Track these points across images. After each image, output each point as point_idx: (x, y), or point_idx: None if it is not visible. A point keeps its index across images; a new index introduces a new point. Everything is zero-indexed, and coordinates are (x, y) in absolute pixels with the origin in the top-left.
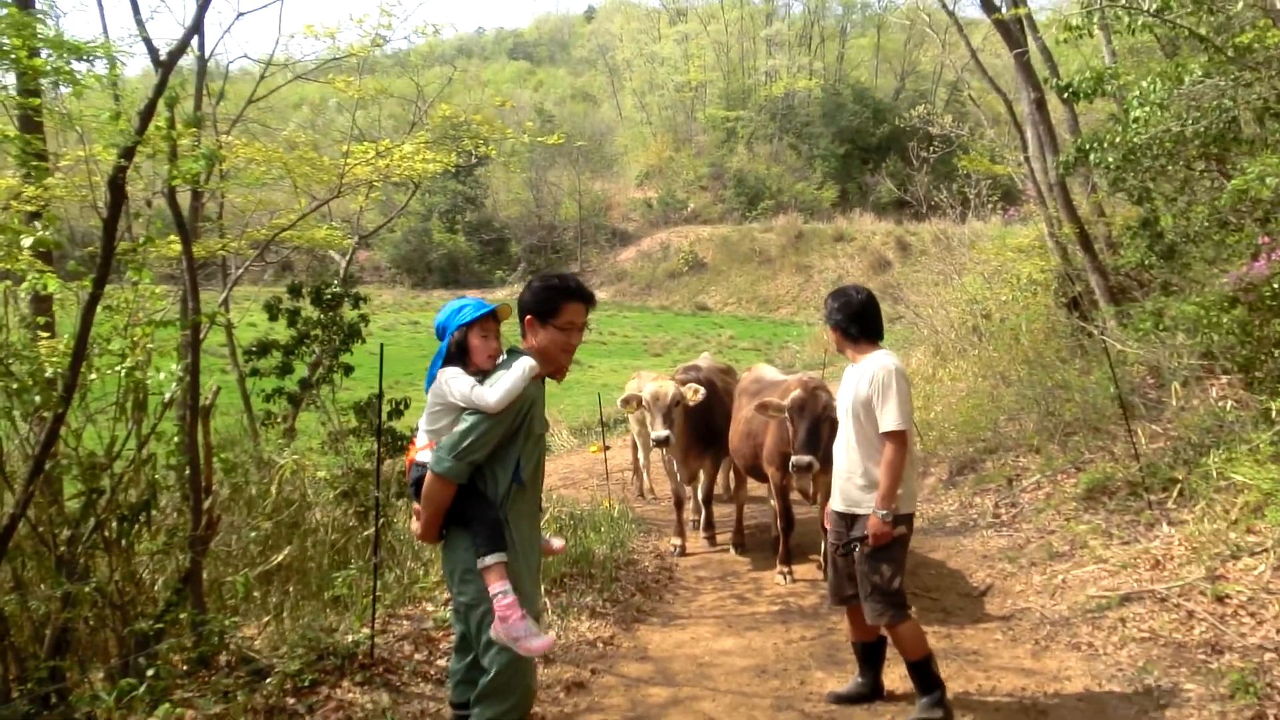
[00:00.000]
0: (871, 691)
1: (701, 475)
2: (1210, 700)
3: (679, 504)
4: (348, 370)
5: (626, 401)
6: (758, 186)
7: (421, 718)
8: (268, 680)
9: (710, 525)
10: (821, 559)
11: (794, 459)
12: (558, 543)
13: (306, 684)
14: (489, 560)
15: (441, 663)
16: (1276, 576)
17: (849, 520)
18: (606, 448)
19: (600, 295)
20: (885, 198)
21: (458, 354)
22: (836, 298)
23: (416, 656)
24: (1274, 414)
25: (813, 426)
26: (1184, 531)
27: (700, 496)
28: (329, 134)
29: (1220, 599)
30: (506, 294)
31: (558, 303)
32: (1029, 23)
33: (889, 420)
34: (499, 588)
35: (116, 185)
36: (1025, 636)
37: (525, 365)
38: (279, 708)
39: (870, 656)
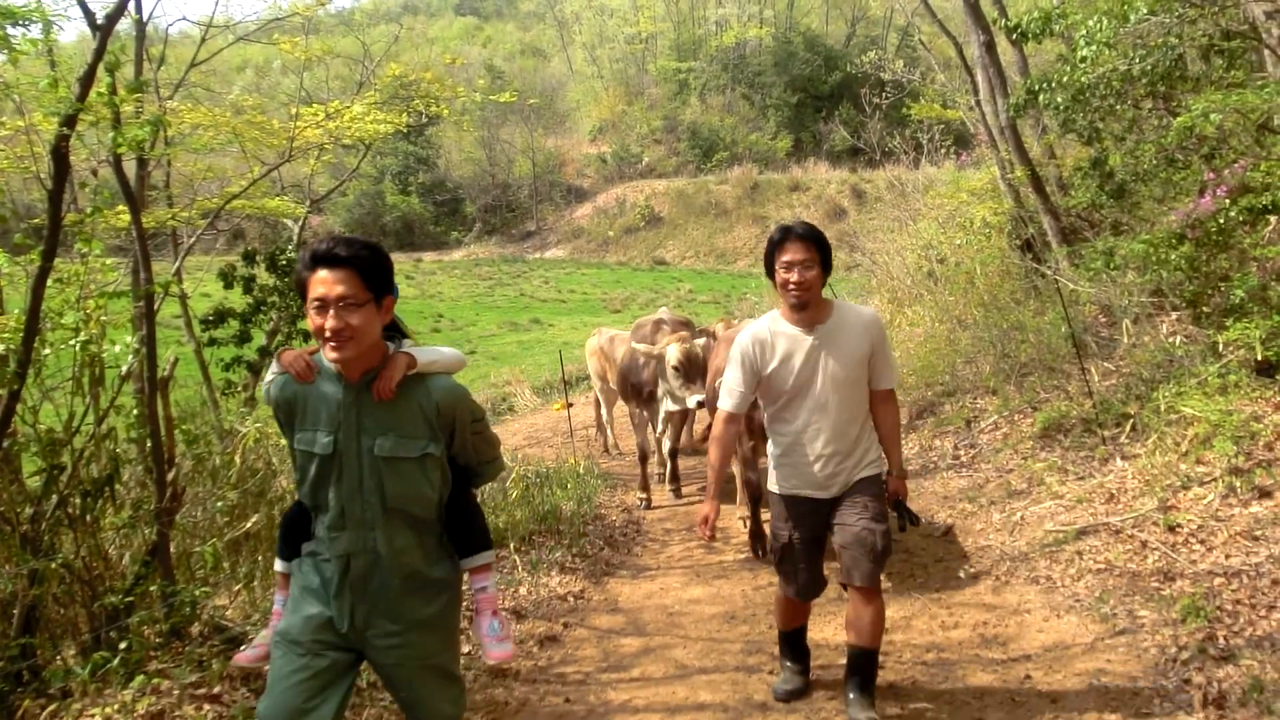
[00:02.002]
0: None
1: (669, 427)
2: (1163, 625)
3: (644, 458)
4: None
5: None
6: (712, 138)
7: None
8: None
9: (676, 478)
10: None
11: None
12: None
13: None
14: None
15: None
16: (1225, 504)
17: (824, 506)
18: (569, 404)
19: (557, 253)
20: (839, 146)
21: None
22: (815, 235)
23: None
24: (1220, 347)
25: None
26: (1137, 465)
27: (666, 450)
28: (275, 97)
29: (1172, 528)
30: (463, 255)
31: (301, 277)
32: None
33: (892, 375)
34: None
35: (60, 155)
36: (986, 573)
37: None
38: (256, 673)
39: (803, 642)
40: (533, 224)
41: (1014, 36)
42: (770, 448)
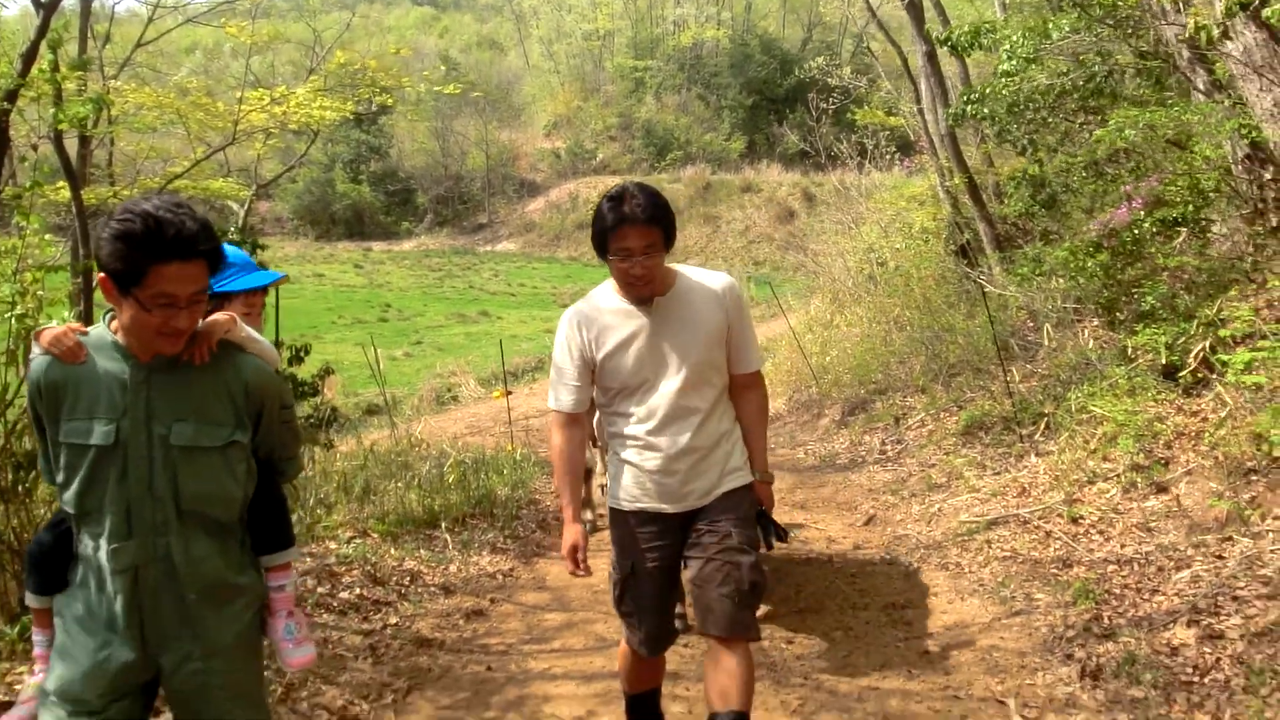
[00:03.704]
0: None
1: None
2: (1056, 607)
3: (587, 474)
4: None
5: None
6: (666, 137)
7: (324, 644)
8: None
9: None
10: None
11: None
12: None
13: None
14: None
15: (344, 595)
16: (1125, 498)
17: (676, 524)
18: (509, 392)
19: (509, 246)
20: (792, 149)
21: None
22: (658, 215)
23: (320, 589)
24: (1130, 351)
25: None
26: (1049, 461)
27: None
28: (223, 80)
29: (1075, 520)
30: (414, 245)
31: (141, 264)
32: None
33: (757, 355)
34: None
35: (0, 129)
36: (901, 560)
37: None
38: None
39: (656, 708)
40: (484, 216)
41: (945, 48)
42: (611, 455)
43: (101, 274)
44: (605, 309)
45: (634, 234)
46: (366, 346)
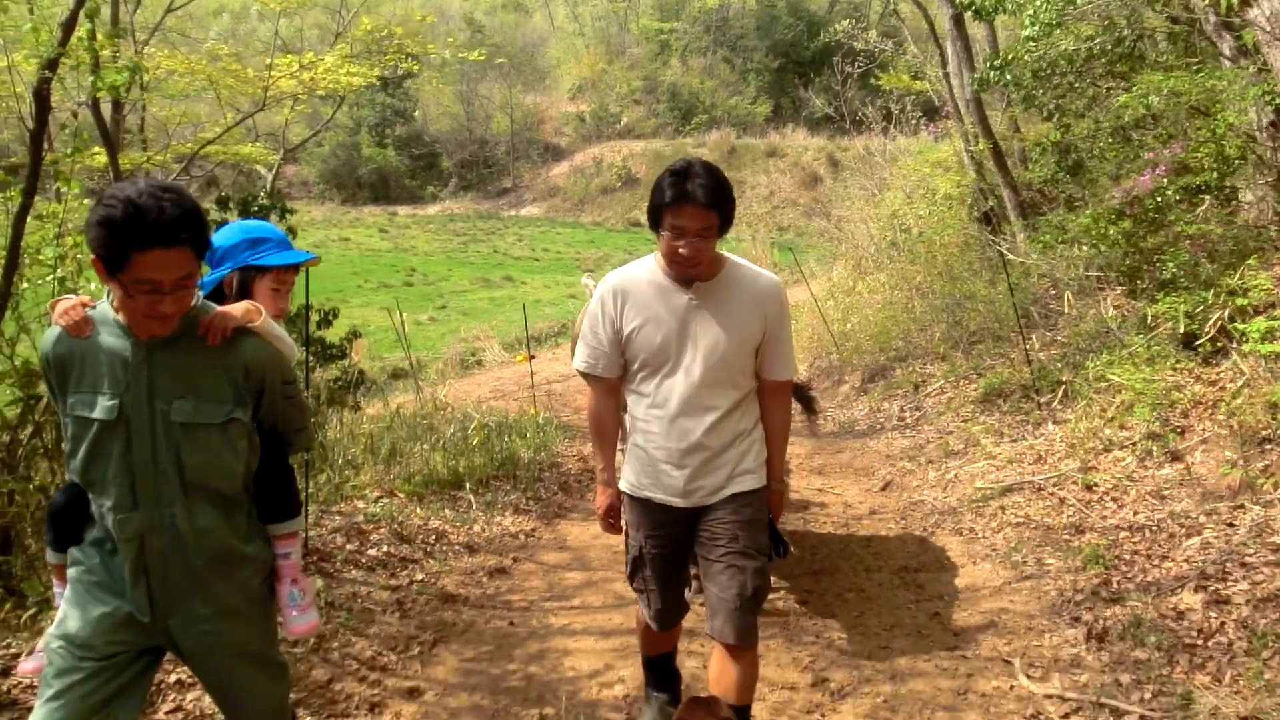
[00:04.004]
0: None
1: None
2: (1066, 571)
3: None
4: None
5: None
6: (691, 101)
7: (354, 598)
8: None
9: None
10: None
11: None
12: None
13: None
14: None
15: (372, 552)
16: (1140, 466)
17: (684, 517)
18: (532, 357)
19: (533, 211)
20: (818, 113)
21: (235, 297)
22: (719, 199)
23: (349, 547)
24: (1149, 319)
25: None
26: (1065, 429)
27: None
28: (251, 44)
29: (1089, 487)
30: (438, 210)
31: (122, 251)
32: None
33: (790, 364)
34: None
35: (42, 97)
36: (915, 525)
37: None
38: None
39: (671, 667)
40: (509, 181)
41: (970, 11)
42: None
43: (93, 257)
44: (644, 281)
45: (691, 214)
46: (392, 311)
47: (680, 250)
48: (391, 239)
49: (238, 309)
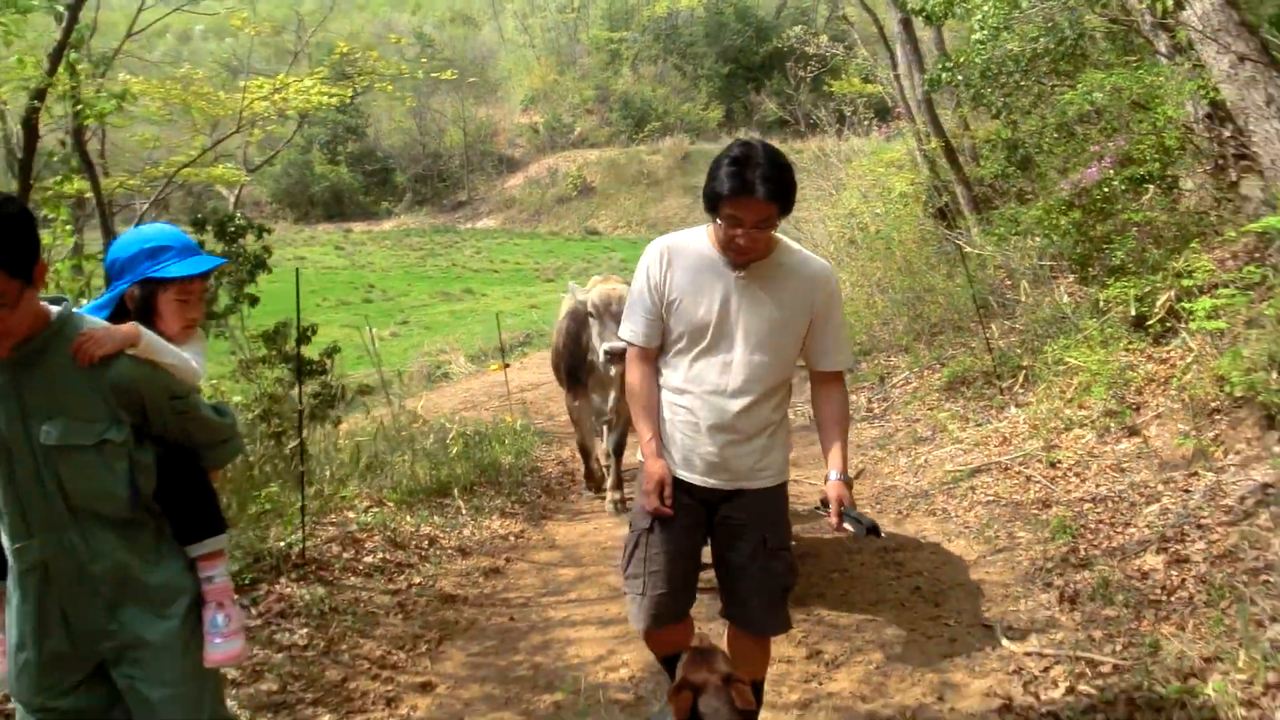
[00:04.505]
0: None
1: (616, 416)
2: (1036, 543)
3: (586, 453)
4: (253, 301)
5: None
6: (644, 108)
7: (356, 603)
8: None
9: (619, 484)
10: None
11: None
12: None
13: (248, 581)
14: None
15: (368, 559)
16: (1099, 442)
17: (703, 499)
18: (507, 365)
19: (489, 223)
20: (770, 117)
21: (137, 313)
22: (781, 193)
23: (345, 555)
24: (1102, 304)
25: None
26: (1028, 411)
27: (611, 444)
28: (200, 63)
29: (1053, 464)
30: (394, 225)
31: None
32: None
33: (845, 354)
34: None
35: (30, 126)
36: (890, 508)
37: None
38: None
39: None
40: (464, 194)
41: (919, 16)
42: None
43: None
44: (694, 250)
45: (750, 207)
46: (359, 328)
47: (738, 240)
48: (348, 256)
49: (116, 332)
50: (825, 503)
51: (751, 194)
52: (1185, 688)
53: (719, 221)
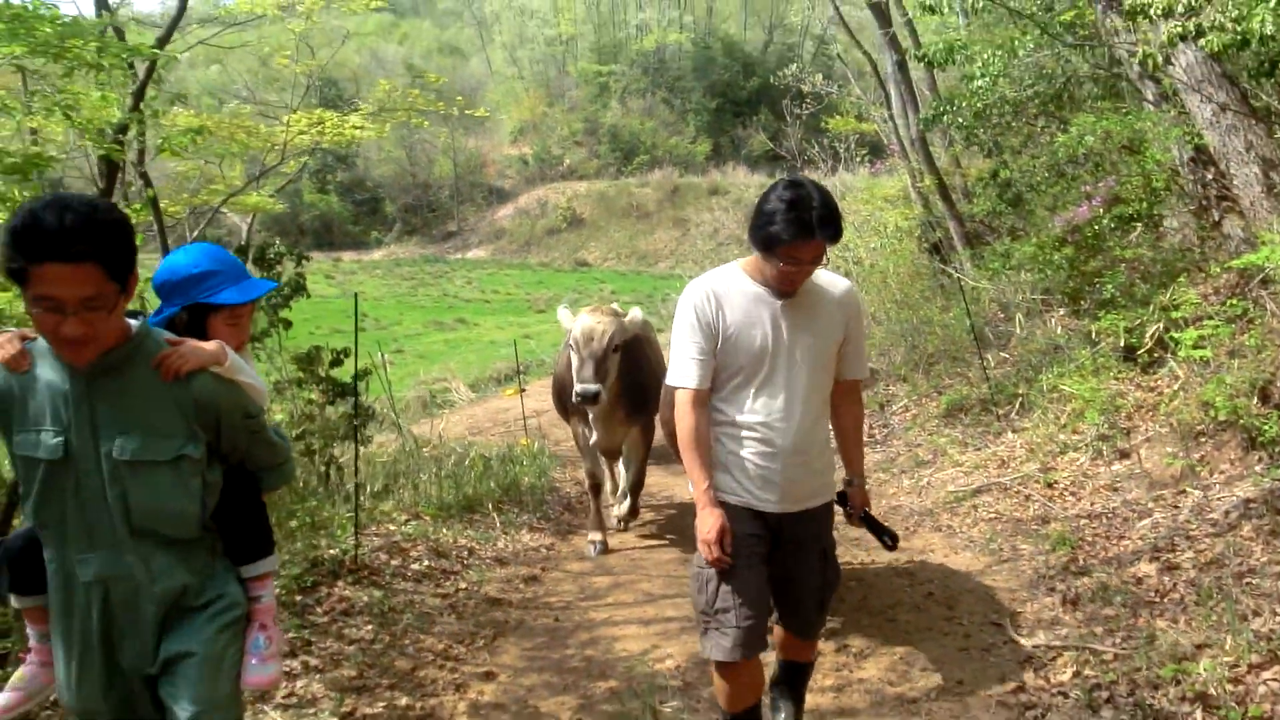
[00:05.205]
0: None
1: (625, 449)
2: (1038, 554)
3: (595, 488)
4: (287, 325)
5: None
6: (632, 141)
7: (410, 605)
8: (275, 584)
9: (633, 513)
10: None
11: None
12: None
13: (309, 584)
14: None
15: (415, 566)
16: (1093, 464)
17: (770, 525)
18: (523, 390)
19: (479, 253)
20: (757, 151)
21: (186, 334)
22: (838, 233)
23: (393, 562)
24: (1093, 335)
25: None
26: (1024, 435)
27: (628, 482)
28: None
29: (1050, 484)
30: (383, 255)
31: (22, 263)
32: None
33: (865, 363)
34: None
35: (111, 160)
36: (897, 526)
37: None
38: (290, 603)
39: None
40: (454, 224)
41: (922, 62)
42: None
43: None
44: (736, 287)
45: (809, 247)
46: (372, 354)
47: (794, 278)
48: (339, 285)
49: (203, 349)
50: (843, 498)
51: (811, 236)
52: (1179, 669)
53: (775, 261)
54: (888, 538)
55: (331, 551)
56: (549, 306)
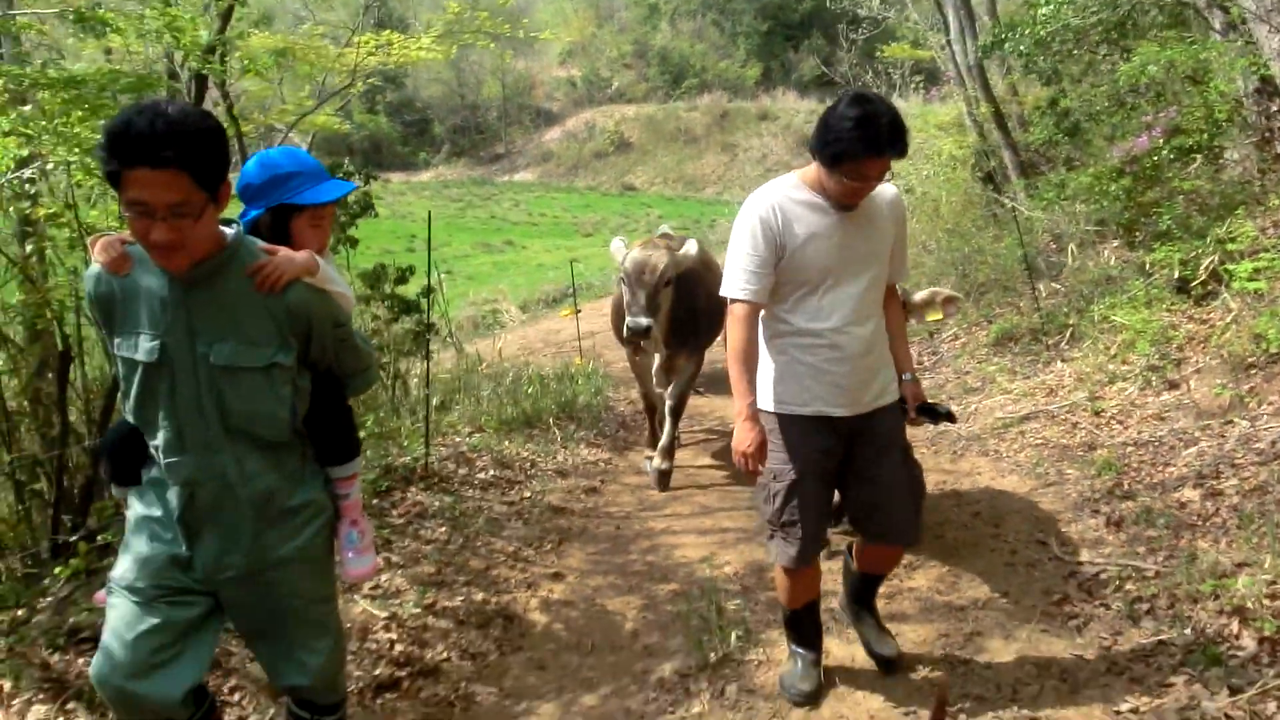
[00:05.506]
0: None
1: (674, 376)
2: (1083, 479)
3: (650, 409)
4: (353, 243)
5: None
6: (682, 64)
7: (477, 512)
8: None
9: (669, 452)
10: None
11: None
12: None
13: (384, 488)
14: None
15: (481, 475)
16: (1141, 395)
17: (841, 431)
18: (578, 311)
19: (526, 176)
20: (808, 76)
21: (270, 237)
22: (901, 127)
23: (461, 471)
24: (1147, 267)
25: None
26: (1073, 365)
27: (669, 405)
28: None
29: (1098, 413)
30: (431, 176)
31: (115, 167)
32: None
33: (907, 266)
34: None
35: (201, 77)
36: (945, 450)
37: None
38: (369, 505)
39: (816, 619)
40: (502, 146)
41: None
42: (767, 358)
43: None
44: (796, 199)
45: (876, 165)
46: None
47: (859, 193)
48: (388, 205)
49: (297, 259)
50: (901, 399)
51: (880, 153)
52: (1219, 584)
53: (840, 177)
54: (947, 415)
55: (403, 460)
56: (596, 230)
